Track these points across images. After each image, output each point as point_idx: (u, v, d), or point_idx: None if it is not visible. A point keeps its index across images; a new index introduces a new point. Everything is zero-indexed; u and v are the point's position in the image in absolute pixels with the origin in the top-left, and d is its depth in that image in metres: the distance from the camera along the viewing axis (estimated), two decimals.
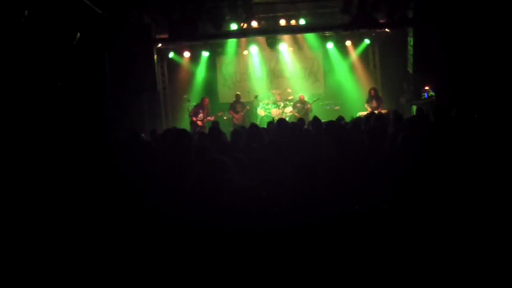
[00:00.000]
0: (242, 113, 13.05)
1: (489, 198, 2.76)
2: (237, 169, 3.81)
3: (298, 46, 14.09)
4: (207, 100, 12.70)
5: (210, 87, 14.40)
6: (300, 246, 2.50)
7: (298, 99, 13.29)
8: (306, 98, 13.34)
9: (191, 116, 12.44)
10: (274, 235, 2.55)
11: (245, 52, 14.26)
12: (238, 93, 13.44)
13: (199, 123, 12.18)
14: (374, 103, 12.29)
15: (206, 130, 11.59)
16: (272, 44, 12.41)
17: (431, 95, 11.79)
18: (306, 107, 12.98)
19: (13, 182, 4.03)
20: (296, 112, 12.88)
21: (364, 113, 11.47)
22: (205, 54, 13.88)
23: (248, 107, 13.16)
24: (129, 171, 4.07)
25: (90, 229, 2.86)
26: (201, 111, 12.38)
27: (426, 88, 11.99)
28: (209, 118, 12.36)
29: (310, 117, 9.93)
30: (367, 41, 14.02)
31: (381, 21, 10.89)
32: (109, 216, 2.93)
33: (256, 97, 13.27)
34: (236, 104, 13.16)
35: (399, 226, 2.59)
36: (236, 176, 2.98)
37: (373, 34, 13.70)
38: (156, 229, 2.67)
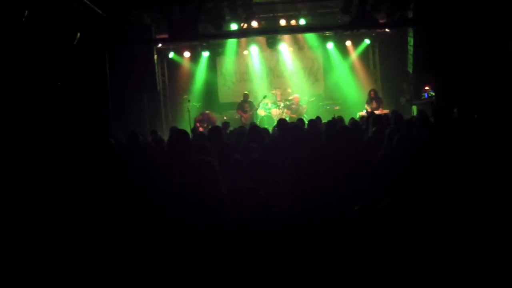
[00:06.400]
0: (251, 113, 13.02)
1: (489, 197, 2.76)
2: (236, 169, 3.82)
3: (298, 46, 14.08)
4: (215, 117, 12.72)
5: (210, 87, 14.41)
6: (300, 246, 2.50)
7: (292, 100, 13.33)
8: (301, 99, 13.37)
9: (196, 121, 12.48)
10: (273, 235, 2.55)
11: (245, 52, 14.26)
12: (246, 92, 13.38)
13: (201, 129, 12.17)
14: (374, 104, 12.30)
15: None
16: (272, 44, 12.42)
17: (431, 95, 11.78)
18: (300, 108, 13.02)
19: (13, 181, 4.04)
20: (291, 113, 12.91)
21: (364, 113, 11.49)
22: (205, 54, 13.87)
23: (257, 106, 13.15)
24: (127, 171, 4.07)
25: (88, 230, 2.86)
26: (206, 121, 12.43)
27: (426, 88, 11.98)
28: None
29: (305, 119, 9.91)
30: (367, 41, 14.03)
31: (381, 21, 10.88)
32: (107, 216, 2.93)
33: (265, 96, 13.28)
34: (244, 104, 13.12)
35: (398, 226, 2.59)
36: (221, 177, 2.99)
37: (373, 34, 13.71)
38: (150, 231, 2.67)
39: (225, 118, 13.18)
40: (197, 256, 2.48)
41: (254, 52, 14.15)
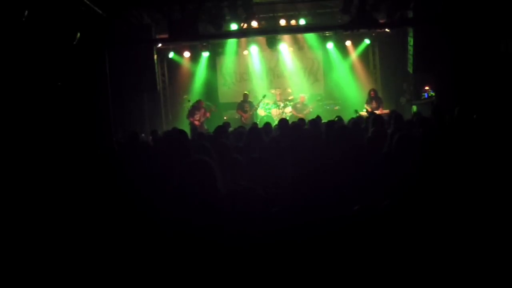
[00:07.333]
0: (251, 113, 13.06)
1: (489, 197, 2.76)
2: (236, 169, 3.82)
3: (298, 46, 14.09)
4: (202, 102, 12.80)
5: (210, 87, 14.42)
6: (300, 247, 2.50)
7: (298, 99, 13.34)
8: (306, 99, 13.38)
9: (188, 118, 12.54)
10: (273, 235, 2.55)
11: (245, 52, 14.27)
12: (246, 92, 13.41)
13: (196, 122, 12.26)
14: (374, 104, 12.30)
15: (205, 129, 11.79)
16: (272, 44, 12.42)
17: (431, 95, 11.79)
18: (306, 110, 13.03)
19: (13, 181, 4.04)
20: (296, 113, 12.92)
21: (364, 112, 11.50)
22: (205, 54, 13.88)
23: (256, 106, 13.17)
24: (127, 171, 4.08)
25: (87, 229, 2.86)
26: (197, 112, 12.48)
27: (426, 88, 11.98)
28: (207, 115, 12.52)
29: (307, 119, 9.92)
30: (367, 41, 14.04)
31: (381, 21, 10.89)
32: (105, 216, 2.93)
33: (264, 96, 13.29)
34: (244, 104, 13.16)
35: (398, 227, 2.59)
36: (220, 176, 2.99)
37: (373, 34, 13.72)
38: (149, 231, 2.67)
39: (225, 118, 13.19)
40: (196, 257, 2.48)
41: (254, 52, 14.15)
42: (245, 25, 11.14)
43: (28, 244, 2.87)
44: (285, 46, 13.85)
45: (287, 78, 14.49)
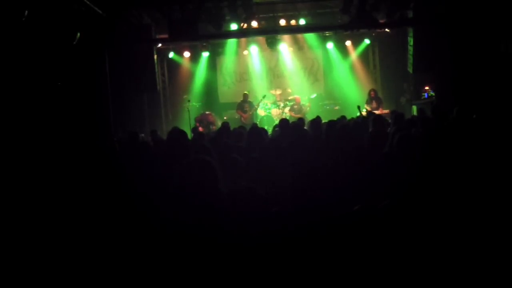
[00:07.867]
0: (250, 113, 13.08)
1: (488, 197, 2.76)
2: (236, 169, 3.83)
3: (298, 46, 14.09)
4: (214, 120, 12.98)
5: (210, 87, 14.42)
6: (300, 247, 2.50)
7: (294, 101, 13.36)
8: (302, 99, 13.40)
9: (195, 120, 12.58)
10: (272, 235, 2.55)
11: (245, 52, 14.26)
12: (246, 92, 13.41)
13: (201, 129, 12.27)
14: (374, 104, 12.31)
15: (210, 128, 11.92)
16: (272, 44, 12.42)
17: (431, 95, 11.79)
18: (304, 109, 13.05)
19: (13, 181, 4.04)
20: (295, 114, 12.94)
21: (364, 113, 11.49)
22: (205, 54, 13.87)
23: (256, 106, 13.18)
24: (127, 171, 4.08)
25: (87, 229, 2.87)
26: (205, 121, 12.58)
27: (426, 88, 11.99)
28: (213, 128, 12.63)
29: (307, 118, 9.94)
30: (367, 41, 14.04)
31: (381, 21, 10.89)
32: (106, 216, 2.94)
33: (264, 96, 13.29)
34: (244, 104, 13.17)
35: (398, 227, 2.59)
36: (221, 176, 2.99)
37: (373, 34, 13.72)
38: (149, 231, 2.67)
39: (225, 118, 13.20)
40: (196, 256, 2.48)
41: (254, 52, 14.15)
42: (245, 25, 11.14)
43: (28, 244, 2.87)
44: (285, 46, 13.85)
45: (287, 78, 14.49)
